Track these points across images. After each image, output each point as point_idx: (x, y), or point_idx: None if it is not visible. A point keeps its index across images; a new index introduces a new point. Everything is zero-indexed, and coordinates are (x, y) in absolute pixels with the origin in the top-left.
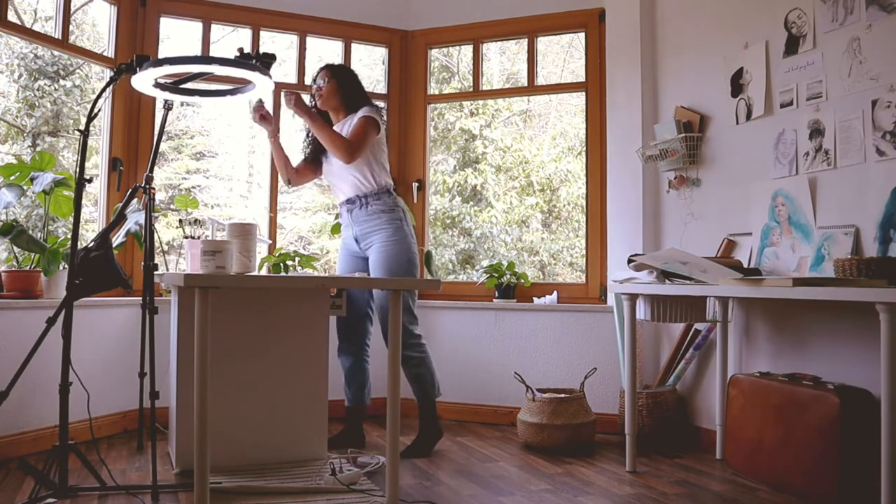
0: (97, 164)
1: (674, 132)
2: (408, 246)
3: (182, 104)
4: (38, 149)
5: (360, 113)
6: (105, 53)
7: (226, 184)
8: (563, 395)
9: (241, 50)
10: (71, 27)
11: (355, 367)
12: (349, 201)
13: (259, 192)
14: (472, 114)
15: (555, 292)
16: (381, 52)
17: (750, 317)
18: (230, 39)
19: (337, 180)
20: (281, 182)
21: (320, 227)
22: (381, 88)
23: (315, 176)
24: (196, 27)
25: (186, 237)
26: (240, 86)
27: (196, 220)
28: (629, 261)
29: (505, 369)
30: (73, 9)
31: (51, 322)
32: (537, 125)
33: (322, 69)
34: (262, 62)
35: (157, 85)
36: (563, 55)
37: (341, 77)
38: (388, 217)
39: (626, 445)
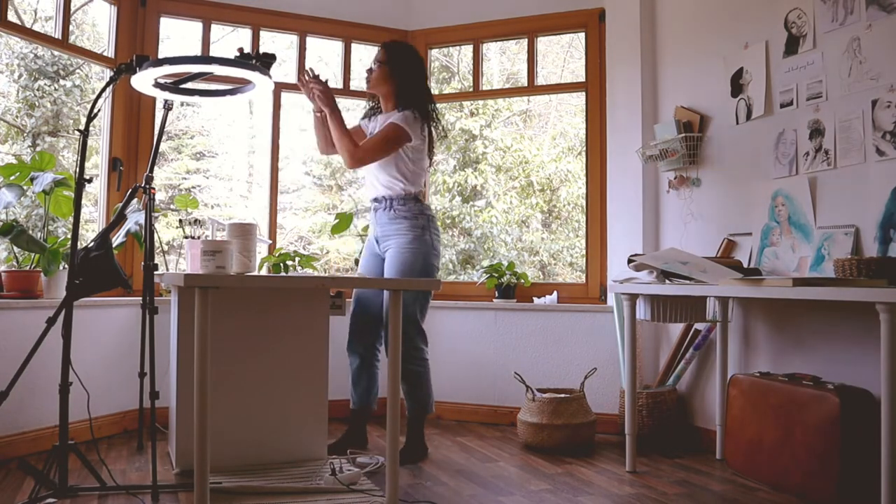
0: (97, 164)
1: (674, 132)
2: (424, 256)
3: (182, 104)
4: (38, 149)
5: (396, 115)
6: (105, 53)
7: (226, 184)
8: (563, 395)
9: (241, 50)
10: (71, 27)
11: (362, 368)
12: (376, 200)
13: (259, 192)
14: (472, 114)
15: (555, 292)
16: None
17: (750, 317)
18: (230, 39)
19: (375, 171)
20: (281, 181)
21: (320, 227)
22: None
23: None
24: (196, 27)
25: (186, 237)
26: (240, 86)
27: (196, 220)
28: (629, 261)
29: (505, 369)
30: (73, 9)
31: (51, 322)
32: (537, 125)
33: (382, 47)
34: (262, 62)
35: (157, 85)
36: (563, 55)
37: (397, 63)
38: (409, 224)
39: (626, 445)
